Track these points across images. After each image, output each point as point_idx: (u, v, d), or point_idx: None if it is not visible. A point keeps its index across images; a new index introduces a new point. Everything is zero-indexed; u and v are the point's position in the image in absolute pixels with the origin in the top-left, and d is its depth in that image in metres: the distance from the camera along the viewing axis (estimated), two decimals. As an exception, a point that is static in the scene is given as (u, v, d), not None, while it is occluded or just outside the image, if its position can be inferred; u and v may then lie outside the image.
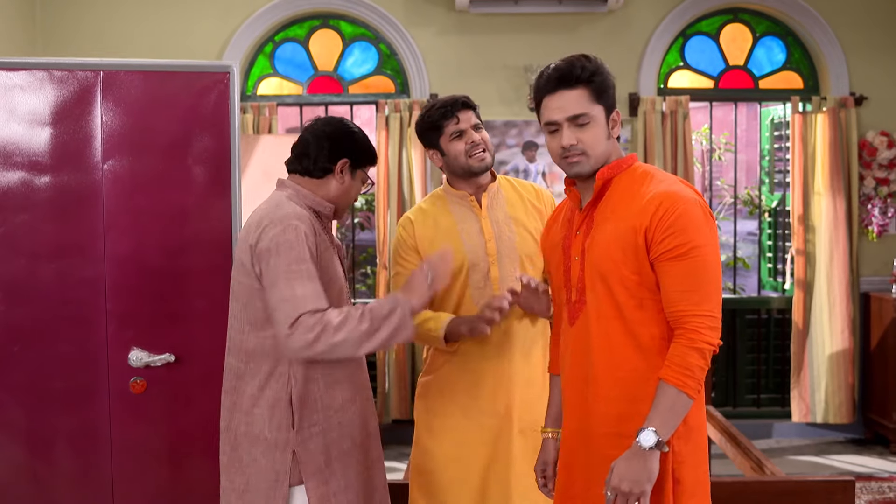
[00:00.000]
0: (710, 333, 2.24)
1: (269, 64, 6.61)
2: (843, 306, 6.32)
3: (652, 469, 2.20)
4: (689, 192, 2.32)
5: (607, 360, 2.34)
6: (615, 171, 2.39)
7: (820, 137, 6.33)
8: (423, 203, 3.16)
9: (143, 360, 3.19)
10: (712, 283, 2.27)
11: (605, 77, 2.38)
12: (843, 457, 6.10)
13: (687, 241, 2.25)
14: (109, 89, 3.17)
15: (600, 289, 2.35)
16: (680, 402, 2.23)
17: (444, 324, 2.93)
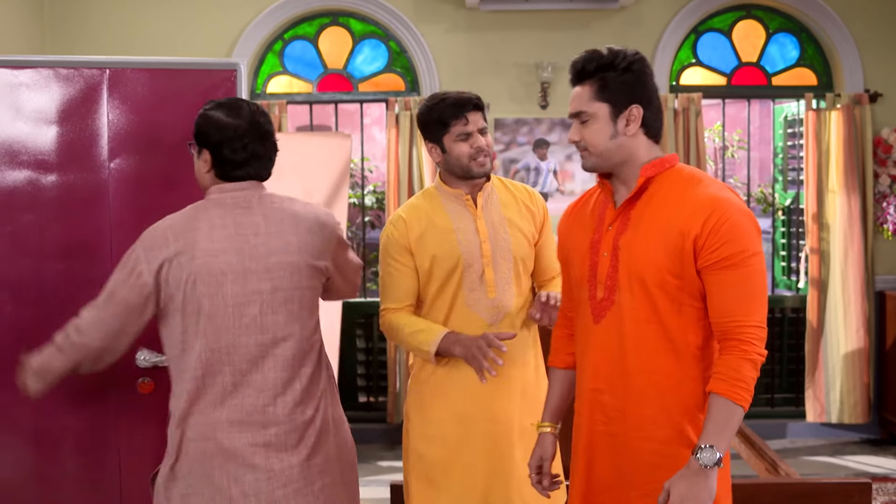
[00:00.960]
0: (761, 345, 2.21)
1: (278, 62, 6.59)
2: (858, 305, 6.26)
3: (712, 487, 2.16)
4: (738, 200, 2.29)
5: (642, 363, 2.30)
6: (657, 169, 2.33)
7: (834, 135, 6.28)
8: (415, 200, 3.07)
9: (151, 360, 3.17)
10: (763, 293, 2.25)
11: (615, 72, 2.31)
12: (859, 457, 6.05)
13: (741, 250, 2.20)
14: (116, 87, 3.15)
15: (637, 290, 2.30)
16: (735, 415, 2.18)
17: (438, 339, 2.87)
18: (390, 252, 3.00)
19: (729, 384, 2.16)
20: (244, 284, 2.52)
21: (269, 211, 2.63)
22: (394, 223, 3.02)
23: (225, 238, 2.54)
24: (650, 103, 2.34)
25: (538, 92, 6.34)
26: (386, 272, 3.02)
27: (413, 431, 3.03)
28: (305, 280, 2.60)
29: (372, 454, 6.17)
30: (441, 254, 2.93)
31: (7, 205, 3.10)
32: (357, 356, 6.61)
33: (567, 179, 6.47)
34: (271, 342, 2.55)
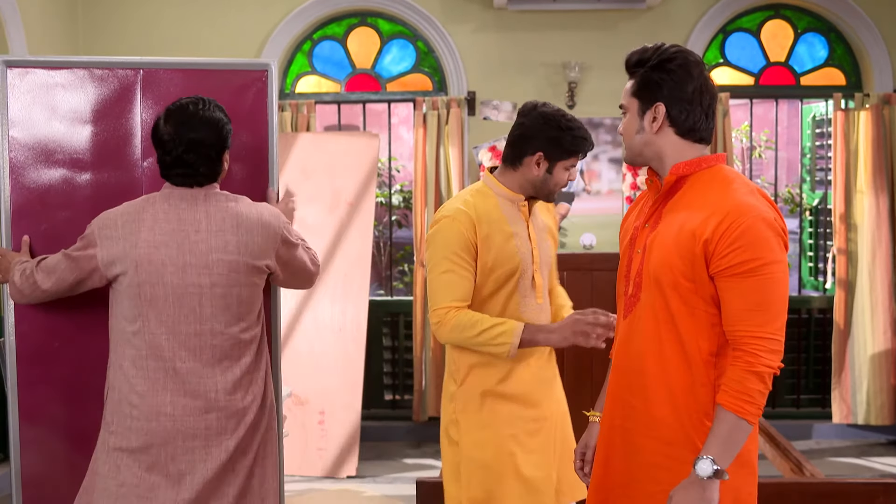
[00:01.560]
0: (769, 356, 2.14)
1: (307, 62, 6.65)
2: (886, 306, 6.24)
3: (711, 498, 2.15)
4: (763, 206, 2.20)
5: (656, 363, 2.30)
6: (692, 168, 2.31)
7: (863, 135, 6.25)
8: (470, 198, 2.96)
9: (181, 355, 3.21)
10: (778, 304, 2.17)
11: (651, 69, 2.32)
12: (885, 459, 6.02)
13: (754, 258, 2.14)
14: (149, 87, 3.20)
15: (655, 290, 2.29)
16: (740, 428, 2.16)
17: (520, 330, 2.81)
18: (454, 248, 2.87)
19: (733, 397, 2.15)
20: (183, 277, 2.72)
21: (212, 209, 2.79)
22: (457, 219, 2.89)
23: (167, 232, 2.74)
24: (679, 101, 2.30)
25: (565, 91, 6.36)
26: (448, 269, 2.87)
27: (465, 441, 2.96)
28: (244, 277, 2.77)
29: (398, 451, 6.21)
30: (502, 257, 2.90)
31: (43, 202, 3.16)
32: (383, 354, 6.65)
33: (594, 179, 6.48)
34: (209, 333, 2.73)
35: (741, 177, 2.33)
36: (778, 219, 2.22)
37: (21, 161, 3.15)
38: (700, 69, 2.34)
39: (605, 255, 5.74)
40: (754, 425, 2.19)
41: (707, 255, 2.20)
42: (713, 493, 2.15)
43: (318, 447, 5.71)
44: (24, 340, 3.18)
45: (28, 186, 3.15)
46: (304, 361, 5.75)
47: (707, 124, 2.35)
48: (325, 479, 5.64)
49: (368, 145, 6.08)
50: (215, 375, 2.74)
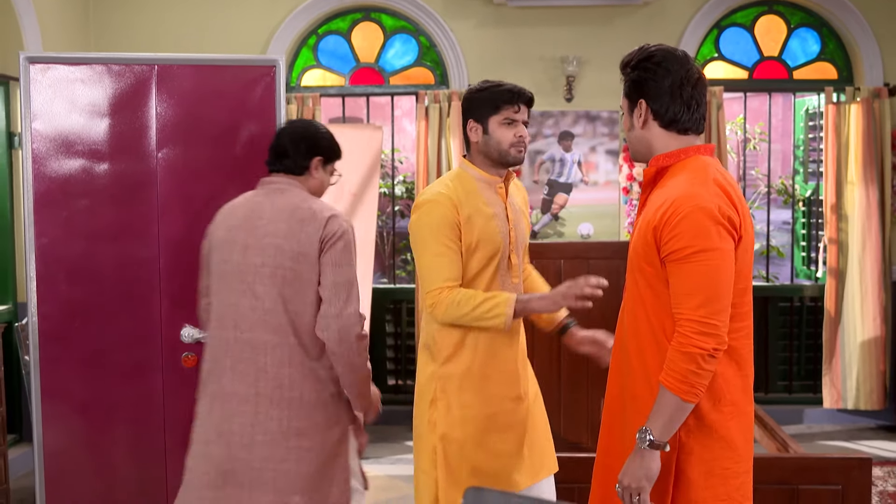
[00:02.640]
0: (699, 339, 2.26)
1: (312, 56, 6.81)
2: (875, 294, 6.39)
3: (649, 467, 2.31)
4: (707, 195, 2.31)
5: (635, 343, 2.47)
6: (671, 160, 2.47)
7: (853, 128, 6.40)
8: (450, 182, 3.05)
9: (195, 336, 3.40)
10: (710, 289, 2.28)
11: (629, 70, 2.50)
12: (873, 442, 6.19)
13: (687, 245, 2.28)
14: (163, 82, 3.38)
15: (630, 273, 2.49)
16: (676, 405, 2.29)
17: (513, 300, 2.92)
18: (442, 230, 2.96)
19: (666, 374, 2.30)
20: (244, 256, 2.89)
21: (279, 200, 2.94)
22: (440, 202, 2.98)
23: (241, 217, 2.93)
24: (659, 96, 2.46)
25: (563, 85, 6.52)
26: (438, 251, 2.96)
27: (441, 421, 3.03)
28: (288, 262, 2.87)
29: (400, 434, 6.38)
30: (485, 238, 3.00)
31: (63, 191, 3.35)
32: (386, 341, 6.83)
33: (591, 170, 6.64)
34: (261, 309, 2.87)
35: (709, 167, 2.44)
36: (725, 207, 2.33)
37: (43, 152, 3.33)
38: (679, 64, 2.47)
39: (601, 244, 5.91)
40: (693, 403, 2.30)
41: (657, 242, 2.36)
42: (652, 463, 2.31)
43: (323, 429, 5.87)
44: (45, 320, 3.37)
45: (50, 176, 3.33)
46: (310, 347, 5.91)
47: (690, 115, 2.48)
48: (329, 461, 5.81)
49: (372, 137, 6.22)
50: (266, 349, 2.87)
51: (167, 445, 3.46)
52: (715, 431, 2.39)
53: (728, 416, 2.41)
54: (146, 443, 3.46)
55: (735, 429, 2.44)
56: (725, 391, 2.40)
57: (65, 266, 3.37)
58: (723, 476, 2.41)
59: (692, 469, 2.38)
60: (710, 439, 2.39)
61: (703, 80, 2.51)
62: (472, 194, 3.05)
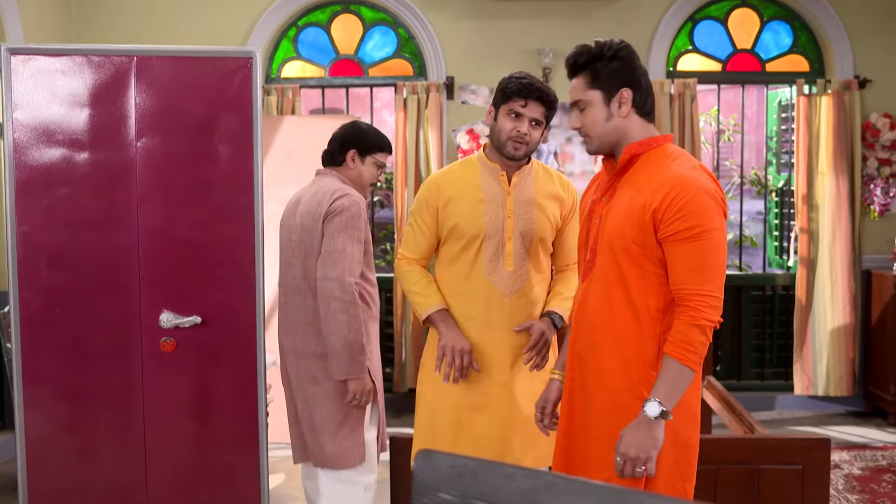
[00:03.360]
0: (710, 312, 2.42)
1: (292, 48, 6.88)
2: (845, 283, 6.52)
3: (657, 436, 2.43)
4: (703, 179, 2.47)
5: (606, 321, 2.57)
6: (644, 147, 2.58)
7: (824, 119, 6.52)
8: (454, 165, 3.30)
9: (173, 321, 3.48)
10: (716, 266, 2.43)
11: (603, 61, 2.58)
12: (843, 427, 6.33)
13: (696, 225, 2.41)
14: (142, 74, 3.45)
15: (608, 255, 2.57)
16: (683, 375, 2.44)
17: (430, 311, 3.19)
18: (419, 210, 3.26)
19: (678, 347, 2.42)
20: (289, 233, 3.59)
21: (313, 187, 3.62)
22: (428, 185, 3.27)
23: (292, 203, 3.66)
24: (639, 85, 2.60)
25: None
26: (410, 226, 3.30)
27: (427, 380, 3.28)
28: (308, 236, 3.49)
29: (379, 421, 6.47)
30: (465, 221, 3.16)
31: (44, 180, 3.41)
32: (366, 329, 6.90)
33: (567, 161, 6.74)
34: (298, 277, 3.53)
35: (685, 154, 2.60)
36: (718, 191, 2.50)
37: (24, 141, 3.40)
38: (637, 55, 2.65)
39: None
40: (696, 373, 2.46)
41: (655, 223, 2.47)
42: (659, 432, 2.43)
43: (303, 416, 5.96)
44: (27, 307, 3.44)
45: (30, 165, 3.40)
46: (289, 334, 6.00)
47: (653, 102, 2.66)
48: (308, 446, 5.91)
49: (351, 128, 6.29)
50: (297, 310, 3.53)
51: (146, 429, 3.54)
52: (682, 403, 2.52)
53: (692, 389, 2.56)
54: (126, 426, 3.54)
55: (694, 398, 2.59)
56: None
57: (45, 253, 3.44)
58: (686, 445, 2.56)
59: (665, 439, 2.48)
60: (677, 409, 2.50)
61: None
62: (470, 179, 3.21)
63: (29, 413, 3.50)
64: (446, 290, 3.23)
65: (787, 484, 3.49)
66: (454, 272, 3.22)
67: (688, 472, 2.55)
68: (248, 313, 3.56)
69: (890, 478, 5.20)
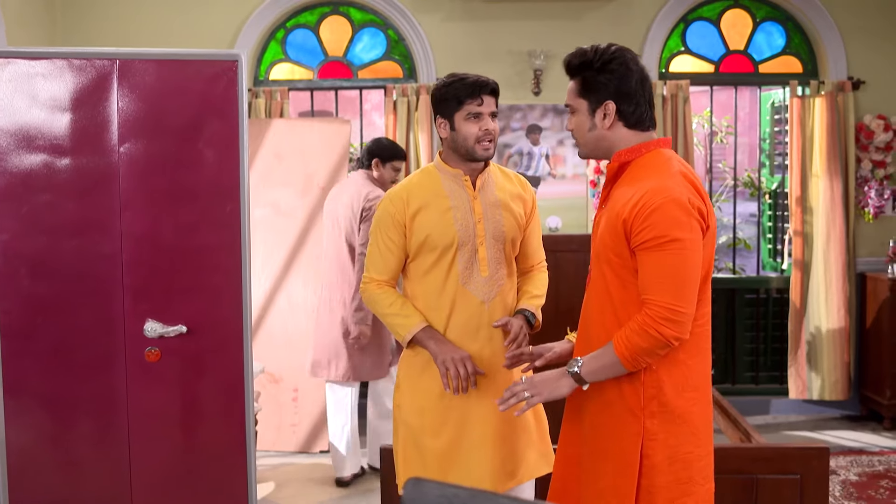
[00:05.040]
0: (663, 324, 2.35)
1: (280, 50, 6.80)
2: (840, 286, 6.47)
3: (557, 389, 2.53)
4: (678, 187, 2.39)
5: (599, 331, 2.54)
6: (633, 154, 2.52)
7: (818, 121, 6.47)
8: (414, 177, 3.17)
9: (158, 331, 3.40)
10: (681, 277, 2.37)
11: (591, 72, 2.52)
12: (838, 432, 6.28)
13: (661, 235, 2.35)
14: (125, 77, 3.37)
15: (597, 265, 2.54)
16: (612, 363, 2.44)
17: (415, 330, 3.03)
18: (383, 227, 3.09)
19: (621, 340, 2.40)
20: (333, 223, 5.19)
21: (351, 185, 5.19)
22: (391, 199, 3.09)
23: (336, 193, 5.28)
24: (627, 97, 2.51)
25: (531, 79, 6.54)
26: (375, 245, 3.11)
27: (405, 404, 3.13)
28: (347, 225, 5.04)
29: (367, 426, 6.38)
30: (436, 231, 3.04)
31: (25, 186, 3.33)
32: (356, 334, 6.82)
33: (559, 164, 6.68)
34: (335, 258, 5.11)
35: (671, 160, 2.51)
36: (694, 198, 2.41)
37: (3, 147, 3.31)
38: (636, 63, 2.56)
39: (568, 237, 5.95)
40: (627, 370, 2.43)
41: (626, 232, 2.42)
42: (563, 389, 2.53)
43: (292, 423, 5.90)
44: (7, 316, 3.36)
45: (10, 171, 3.32)
46: (279, 341, 5.93)
47: (650, 112, 2.57)
48: (298, 454, 5.84)
49: (340, 131, 6.24)
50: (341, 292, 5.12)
51: (131, 440, 3.46)
52: (679, 417, 2.46)
53: (691, 403, 2.49)
54: (110, 438, 3.46)
55: (697, 414, 2.51)
56: (689, 378, 2.49)
57: (26, 261, 3.36)
58: (686, 460, 2.48)
59: (656, 454, 2.45)
60: (674, 425, 2.45)
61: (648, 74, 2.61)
62: (434, 188, 3.11)
63: (10, 424, 3.42)
64: (421, 307, 3.10)
65: (786, 494, 3.43)
66: (427, 287, 3.10)
67: (689, 487, 2.48)
68: (234, 322, 3.48)
69: (888, 484, 5.14)
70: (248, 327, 3.49)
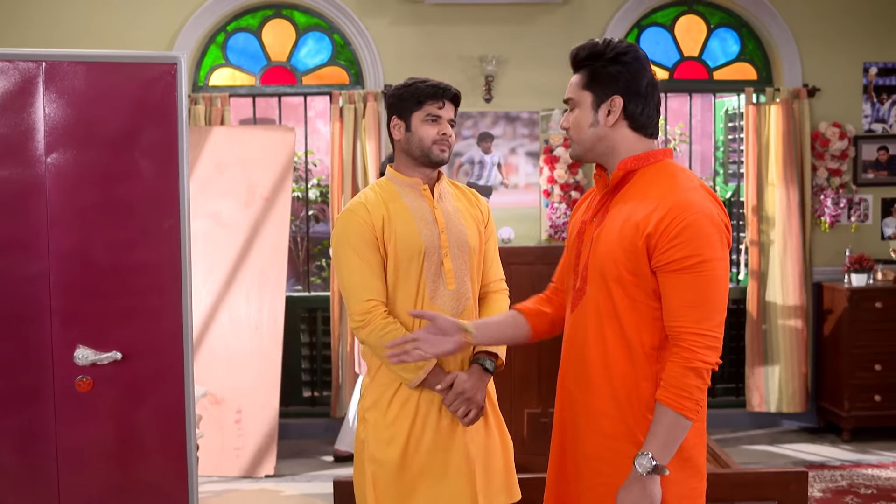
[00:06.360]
0: (707, 353, 2.16)
1: (221, 54, 6.53)
2: (797, 296, 6.37)
3: (653, 494, 2.17)
4: (705, 202, 2.20)
5: (600, 357, 2.30)
6: (640, 163, 2.31)
7: (773, 128, 6.38)
8: (368, 191, 2.96)
9: (90, 358, 3.12)
10: (716, 301, 2.18)
11: (601, 62, 2.32)
12: (797, 445, 6.17)
13: (693, 254, 2.15)
14: (52, 80, 3.09)
15: (600, 283, 2.30)
16: (679, 424, 2.17)
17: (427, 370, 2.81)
18: (354, 243, 2.84)
19: (671, 393, 2.16)
20: None
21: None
22: (355, 211, 2.87)
23: None
24: (636, 95, 2.31)
25: (482, 85, 6.35)
26: (353, 265, 2.84)
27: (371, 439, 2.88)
28: None
29: (316, 449, 6.14)
30: (405, 241, 2.85)
31: (-60, 200, 3.04)
32: (301, 351, 6.57)
33: (511, 173, 6.49)
34: None
35: (687, 172, 2.33)
36: (721, 215, 2.24)
37: (-85, 157, 3.02)
38: (649, 65, 2.37)
39: (523, 249, 5.76)
40: (693, 421, 2.19)
41: (649, 249, 2.20)
42: (654, 489, 2.17)
43: (235, 447, 5.62)
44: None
45: (-77, 184, 3.02)
46: (220, 360, 5.65)
47: (657, 119, 2.37)
48: (242, 479, 5.56)
49: (284, 139, 6.00)
50: None
51: (60, 477, 3.17)
52: (686, 452, 2.27)
53: (697, 437, 2.31)
54: (37, 475, 3.17)
55: (700, 448, 2.34)
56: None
57: (-58, 283, 3.06)
58: (691, 497, 2.30)
59: (668, 493, 2.23)
60: (683, 461, 2.26)
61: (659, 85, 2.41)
62: (392, 199, 2.92)
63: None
64: None
65: (765, 521, 3.30)
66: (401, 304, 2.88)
67: None
68: (174, 346, 3.20)
69: (852, 500, 5.02)
70: (190, 352, 3.22)
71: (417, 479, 2.86)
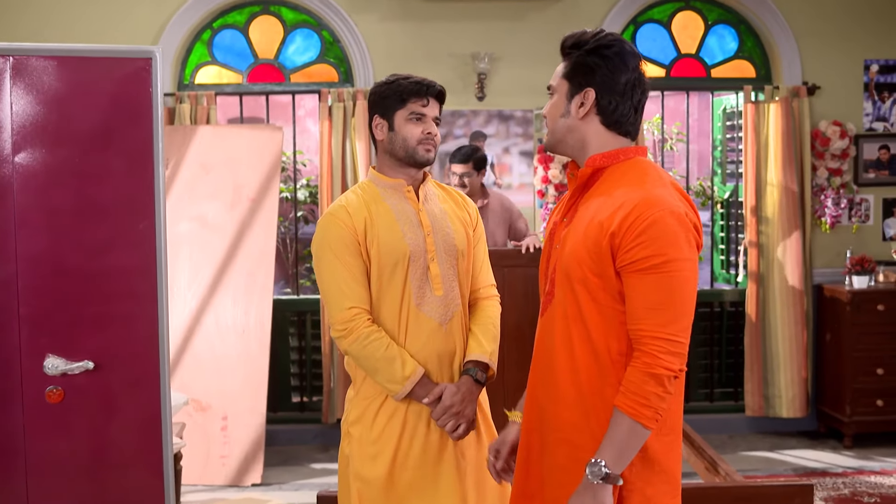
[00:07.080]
0: (668, 358, 2.04)
1: (207, 51, 6.37)
2: (797, 298, 6.24)
3: (603, 503, 2.05)
4: (673, 199, 2.10)
5: (567, 363, 2.18)
6: (609, 160, 2.21)
7: (772, 127, 6.25)
8: (350, 194, 2.85)
9: (60, 367, 2.97)
10: (681, 304, 2.06)
11: (581, 52, 2.21)
12: (797, 451, 6.03)
13: (657, 253, 2.04)
14: (20, 76, 2.94)
15: (566, 286, 2.19)
16: (635, 433, 2.05)
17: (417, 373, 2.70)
18: (335, 248, 2.73)
19: (629, 399, 2.05)
20: None
21: None
22: (335, 215, 2.76)
23: None
24: (610, 91, 2.19)
25: (475, 83, 6.20)
26: (334, 270, 2.73)
27: (356, 454, 2.76)
28: None
29: (305, 456, 6.00)
30: (389, 245, 2.73)
31: None
32: (290, 355, 6.42)
33: (504, 172, 6.35)
34: None
35: (657, 169, 2.23)
36: (690, 213, 2.13)
37: None
38: (636, 62, 2.25)
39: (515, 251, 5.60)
40: (652, 430, 2.07)
41: (613, 249, 2.09)
42: (605, 498, 2.06)
43: (221, 454, 5.46)
44: None
45: None
46: (206, 365, 5.49)
47: (635, 119, 2.26)
48: (228, 488, 5.40)
49: (271, 138, 5.85)
50: None
51: (29, 494, 3.02)
52: (657, 464, 2.15)
53: (668, 447, 2.18)
54: (5, 489, 3.02)
55: (674, 458, 2.21)
56: (667, 419, 2.16)
57: None
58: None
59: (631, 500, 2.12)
60: (652, 472, 2.14)
61: (648, 84, 2.28)
62: (376, 202, 2.80)
63: None
64: None
65: (769, 537, 3.15)
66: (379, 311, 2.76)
67: None
68: (149, 355, 3.05)
69: (855, 509, 4.88)
70: (166, 360, 3.07)
71: (406, 496, 2.74)
